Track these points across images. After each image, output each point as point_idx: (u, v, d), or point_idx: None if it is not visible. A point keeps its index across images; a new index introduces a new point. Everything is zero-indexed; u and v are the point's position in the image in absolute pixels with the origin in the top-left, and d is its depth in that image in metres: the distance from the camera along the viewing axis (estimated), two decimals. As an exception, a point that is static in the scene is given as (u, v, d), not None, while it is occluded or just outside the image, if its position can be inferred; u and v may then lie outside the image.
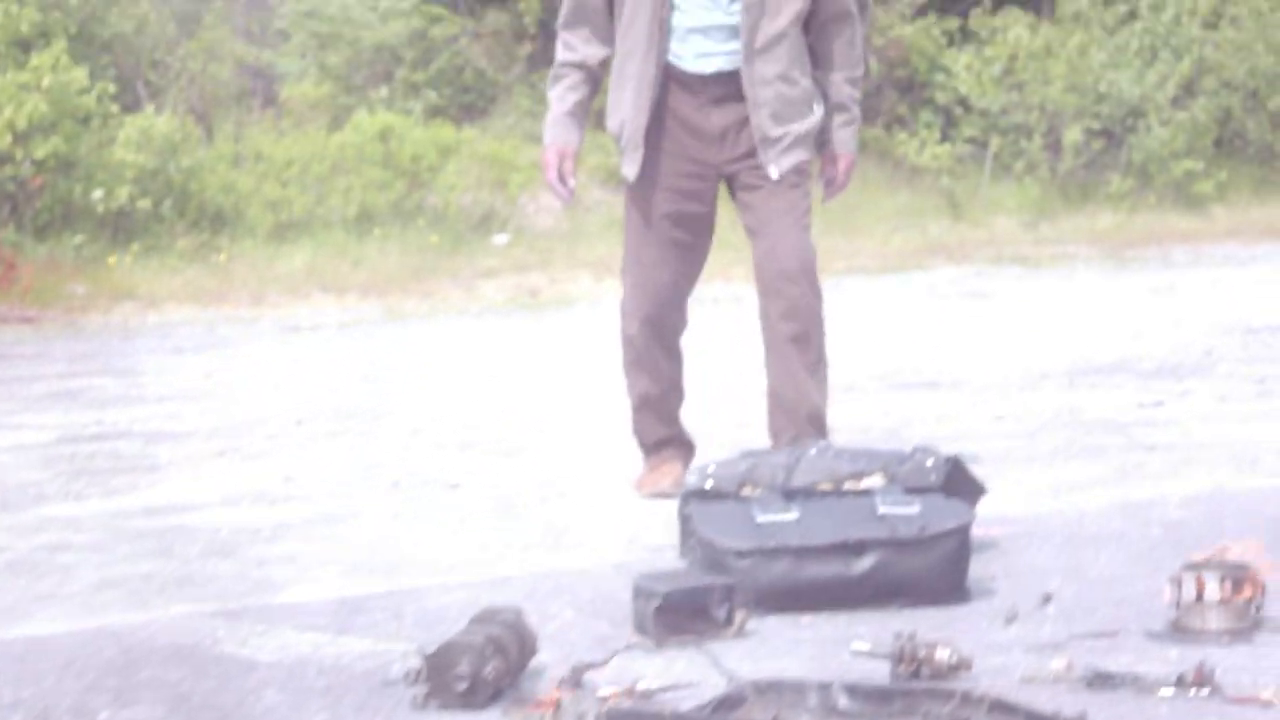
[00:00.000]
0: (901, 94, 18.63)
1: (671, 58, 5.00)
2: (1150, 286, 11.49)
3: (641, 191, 5.09)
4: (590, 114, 5.28)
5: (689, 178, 5.07)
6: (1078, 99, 16.86)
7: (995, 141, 17.24)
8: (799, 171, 5.07)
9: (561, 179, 5.10)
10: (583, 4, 5.11)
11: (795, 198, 5.05)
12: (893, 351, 8.76)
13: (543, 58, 21.47)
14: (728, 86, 5.02)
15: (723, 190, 5.19)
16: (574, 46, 5.13)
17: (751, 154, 5.04)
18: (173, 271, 12.68)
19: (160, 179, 13.43)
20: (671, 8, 4.98)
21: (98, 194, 12.99)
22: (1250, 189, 17.12)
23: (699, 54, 5.01)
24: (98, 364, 9.31)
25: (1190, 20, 17.49)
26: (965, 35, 18.30)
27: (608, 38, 5.09)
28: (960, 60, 17.52)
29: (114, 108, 13.69)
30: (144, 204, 13.21)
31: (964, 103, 17.62)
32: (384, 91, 18.11)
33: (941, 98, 17.89)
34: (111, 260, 12.59)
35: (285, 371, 8.84)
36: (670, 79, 5.01)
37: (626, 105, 5.05)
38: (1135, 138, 16.89)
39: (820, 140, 5.15)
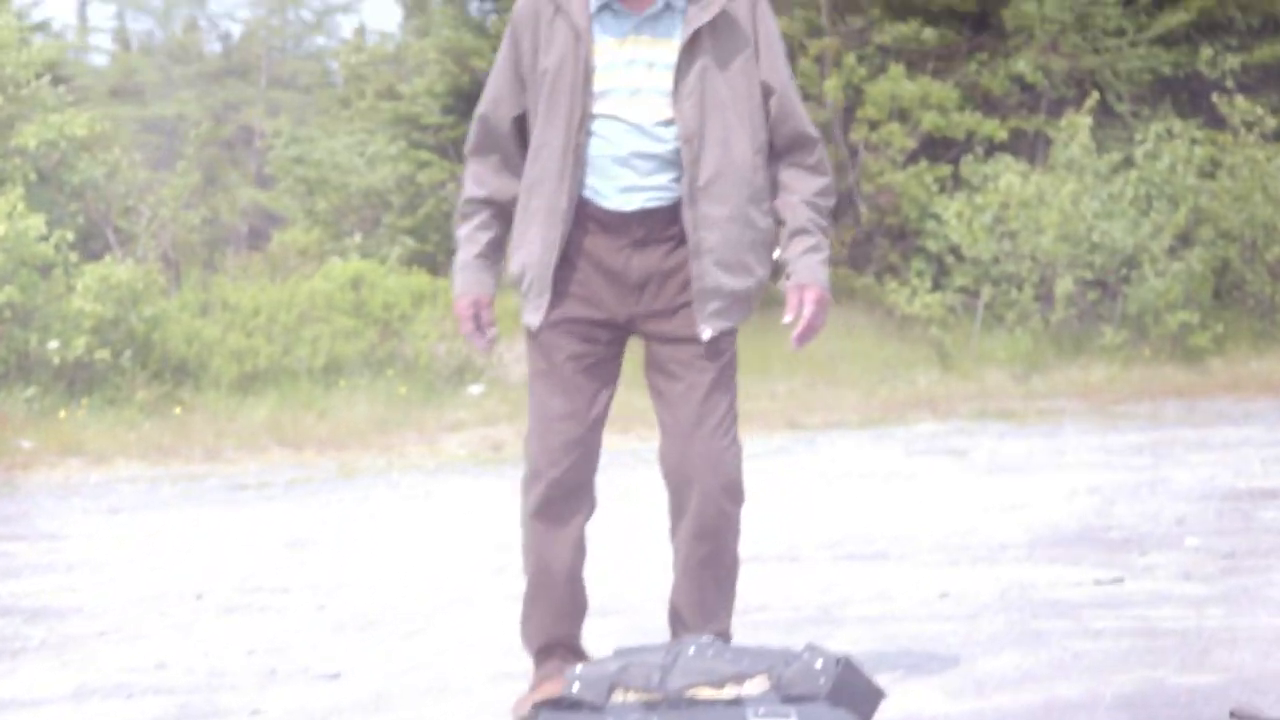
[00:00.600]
0: (893, 242, 18.38)
1: (587, 192, 4.31)
2: (1135, 446, 11.04)
3: (546, 339, 4.39)
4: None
5: (598, 326, 4.38)
6: (1070, 248, 16.53)
7: (987, 291, 16.90)
8: (722, 349, 4.36)
9: (480, 329, 4.51)
10: (490, 128, 4.47)
11: (716, 393, 4.34)
12: (848, 516, 8.32)
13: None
14: (651, 227, 4.31)
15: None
16: (483, 180, 4.49)
17: (673, 313, 4.35)
18: (128, 425, 12.28)
19: (121, 329, 13.09)
20: (589, 134, 4.30)
21: (54, 344, 12.64)
22: (1249, 342, 16.72)
23: (622, 189, 4.30)
24: (21, 527, 8.88)
25: (1186, 169, 17.18)
26: (957, 182, 18.06)
27: (520, 168, 4.45)
28: (951, 208, 17.22)
29: (73, 256, 13.38)
30: (103, 355, 12.87)
31: (955, 251, 17.33)
32: (358, 238, 17.89)
33: (933, 246, 17.59)
34: (62, 414, 12.21)
35: (211, 535, 8.41)
36: (586, 216, 4.32)
37: (534, 243, 4.36)
38: (1130, 288, 16.53)
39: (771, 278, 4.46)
